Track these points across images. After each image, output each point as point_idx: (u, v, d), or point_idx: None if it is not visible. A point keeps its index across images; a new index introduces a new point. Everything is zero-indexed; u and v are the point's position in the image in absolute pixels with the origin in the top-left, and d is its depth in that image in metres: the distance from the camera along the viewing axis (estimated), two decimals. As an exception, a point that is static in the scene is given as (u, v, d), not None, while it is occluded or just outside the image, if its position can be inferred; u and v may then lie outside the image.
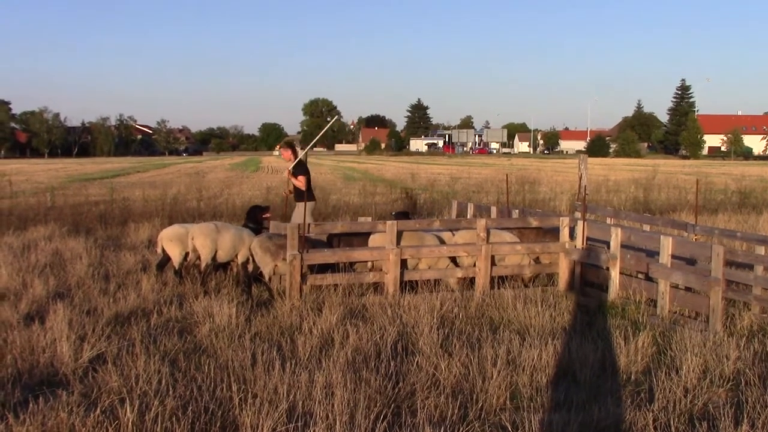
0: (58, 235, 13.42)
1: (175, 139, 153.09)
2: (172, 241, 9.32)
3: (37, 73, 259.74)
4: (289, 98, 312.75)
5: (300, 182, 10.95)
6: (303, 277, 8.59)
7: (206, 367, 5.90)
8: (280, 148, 11.88)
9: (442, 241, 9.59)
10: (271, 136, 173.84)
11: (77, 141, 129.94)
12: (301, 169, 11.00)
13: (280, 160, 70.92)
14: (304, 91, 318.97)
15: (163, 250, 9.45)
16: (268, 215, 10.49)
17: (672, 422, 4.94)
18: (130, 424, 4.65)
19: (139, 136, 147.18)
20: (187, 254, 9.32)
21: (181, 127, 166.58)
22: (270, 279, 9.05)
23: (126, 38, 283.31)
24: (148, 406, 4.95)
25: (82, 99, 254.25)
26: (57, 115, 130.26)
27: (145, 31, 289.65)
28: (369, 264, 9.24)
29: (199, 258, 9.29)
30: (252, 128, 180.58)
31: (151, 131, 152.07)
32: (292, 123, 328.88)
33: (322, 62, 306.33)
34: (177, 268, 9.37)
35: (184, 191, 21.33)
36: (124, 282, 9.40)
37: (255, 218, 10.32)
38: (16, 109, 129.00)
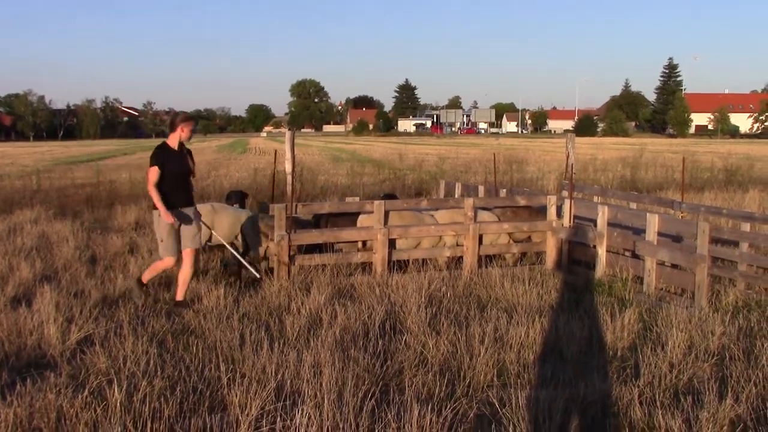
0: (44, 218, 13.31)
1: (162, 121, 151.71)
2: None
3: (21, 56, 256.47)
4: (276, 79, 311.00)
5: None
6: (291, 257, 8.58)
7: (194, 348, 5.91)
8: None
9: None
10: (258, 118, 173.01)
11: (63, 124, 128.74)
12: None
13: (268, 142, 70.58)
14: (291, 72, 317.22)
15: None
16: None
17: (657, 397, 4.99)
18: (118, 404, 4.64)
19: (125, 119, 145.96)
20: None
21: (167, 109, 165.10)
22: (259, 260, 9.02)
23: (111, 19, 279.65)
24: (137, 386, 4.95)
25: (67, 82, 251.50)
26: (42, 97, 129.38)
27: (130, 12, 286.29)
28: (359, 244, 9.24)
29: None
30: (239, 110, 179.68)
31: (137, 113, 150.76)
32: (280, 104, 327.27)
33: (309, 43, 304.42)
34: None
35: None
36: (112, 264, 9.36)
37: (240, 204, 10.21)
38: (0, 92, 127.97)
